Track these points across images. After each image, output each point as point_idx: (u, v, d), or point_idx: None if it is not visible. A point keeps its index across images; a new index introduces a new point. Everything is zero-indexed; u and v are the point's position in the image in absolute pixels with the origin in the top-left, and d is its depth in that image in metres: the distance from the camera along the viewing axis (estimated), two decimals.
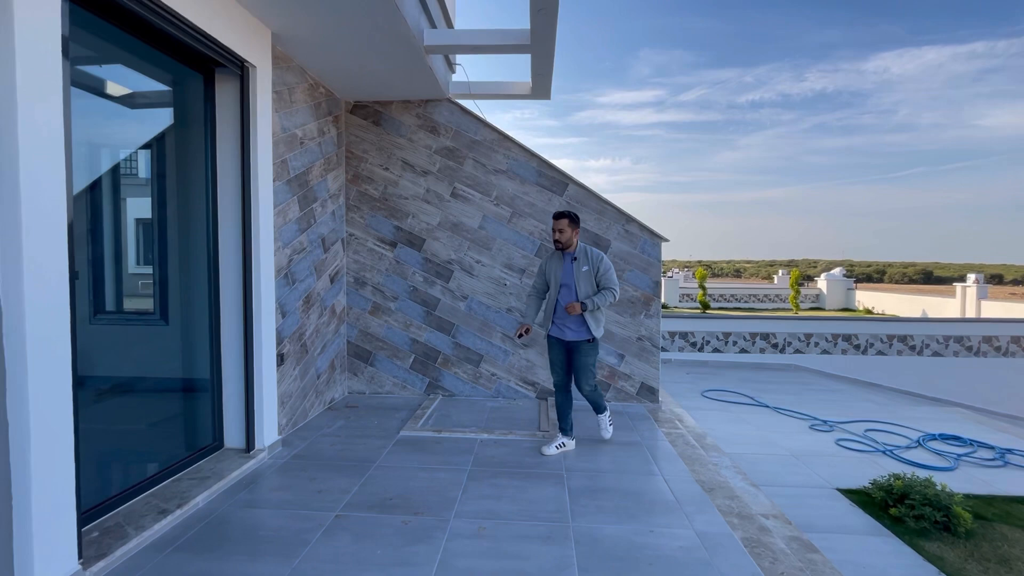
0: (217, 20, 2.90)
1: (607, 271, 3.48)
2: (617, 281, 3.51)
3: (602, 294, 3.45)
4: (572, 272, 3.50)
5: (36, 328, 1.87)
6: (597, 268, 3.47)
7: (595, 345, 3.56)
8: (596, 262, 3.49)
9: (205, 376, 3.36)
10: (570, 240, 3.52)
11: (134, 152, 3.16)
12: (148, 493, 2.72)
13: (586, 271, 3.48)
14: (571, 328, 3.53)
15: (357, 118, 4.93)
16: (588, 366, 3.54)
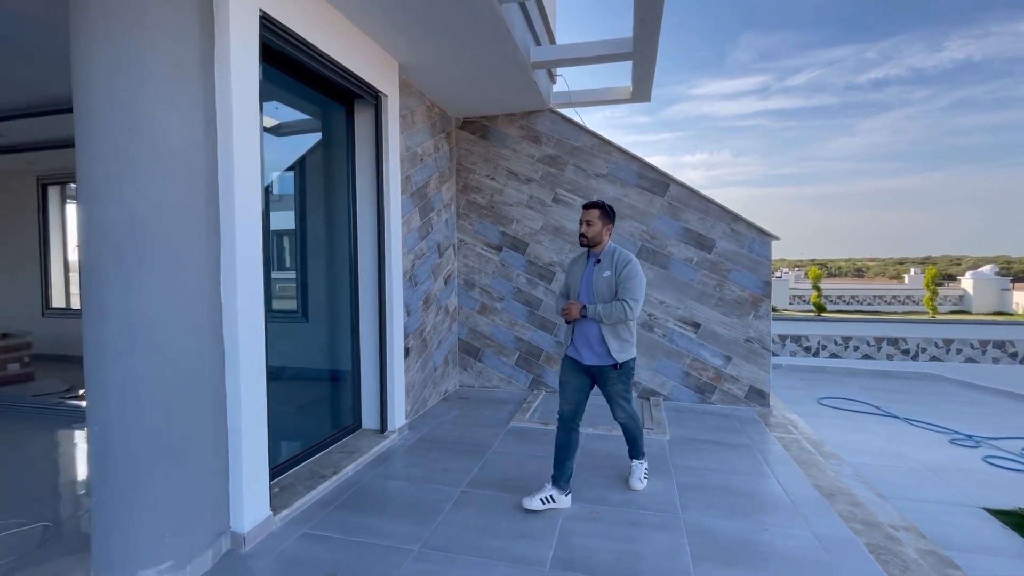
0: (358, 59, 3.39)
1: (628, 279, 2.72)
2: (641, 295, 2.73)
3: (612, 304, 2.70)
4: (592, 277, 2.83)
5: (244, 323, 2.39)
6: (619, 273, 2.74)
7: (626, 372, 2.83)
8: (620, 266, 2.75)
9: (342, 365, 3.90)
10: (598, 237, 2.84)
11: (286, 173, 3.77)
12: (310, 461, 3.25)
13: (607, 276, 2.77)
14: (589, 349, 2.82)
15: (466, 133, 5.35)
16: (618, 395, 2.87)
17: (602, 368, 2.82)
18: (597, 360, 2.81)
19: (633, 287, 2.71)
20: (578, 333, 2.86)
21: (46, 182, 7.01)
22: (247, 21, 2.43)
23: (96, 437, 2.02)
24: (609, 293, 2.76)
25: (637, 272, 2.75)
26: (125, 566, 2.00)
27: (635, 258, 2.79)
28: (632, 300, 2.69)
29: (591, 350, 2.82)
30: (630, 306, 2.68)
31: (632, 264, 2.75)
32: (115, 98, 1.99)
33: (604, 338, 2.75)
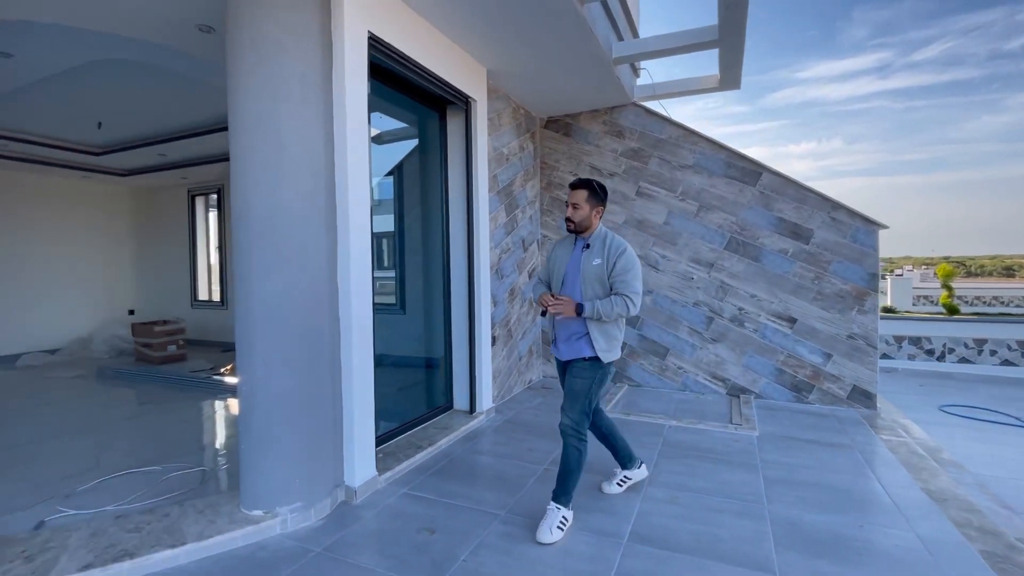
0: (450, 68, 3.69)
1: (625, 271, 2.37)
2: (640, 288, 2.39)
3: (611, 300, 2.35)
4: (579, 263, 2.48)
5: (356, 307, 2.75)
6: (613, 264, 2.38)
7: (597, 368, 2.43)
8: (613, 255, 2.39)
9: (435, 352, 4.24)
10: (587, 221, 2.48)
11: (386, 178, 4.18)
12: (408, 434, 3.60)
13: (597, 265, 2.41)
14: (567, 344, 2.50)
15: (550, 132, 5.52)
16: (578, 391, 2.45)
17: (573, 361, 2.49)
18: (572, 354, 2.48)
19: (631, 280, 2.37)
20: (561, 328, 2.54)
21: (195, 193, 8.27)
22: (358, 43, 2.79)
23: (244, 396, 2.46)
24: (599, 283, 2.41)
25: (634, 262, 2.39)
26: (266, 502, 2.42)
27: (629, 246, 2.43)
28: (633, 294, 2.35)
29: (568, 344, 2.49)
30: (632, 301, 2.35)
31: (627, 254, 2.39)
32: (259, 117, 2.41)
33: (590, 333, 2.40)
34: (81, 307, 7.83)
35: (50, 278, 7.47)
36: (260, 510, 2.42)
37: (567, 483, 2.43)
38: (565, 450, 2.46)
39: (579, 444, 2.45)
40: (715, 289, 4.86)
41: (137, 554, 2.10)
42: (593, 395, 2.46)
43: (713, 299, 4.86)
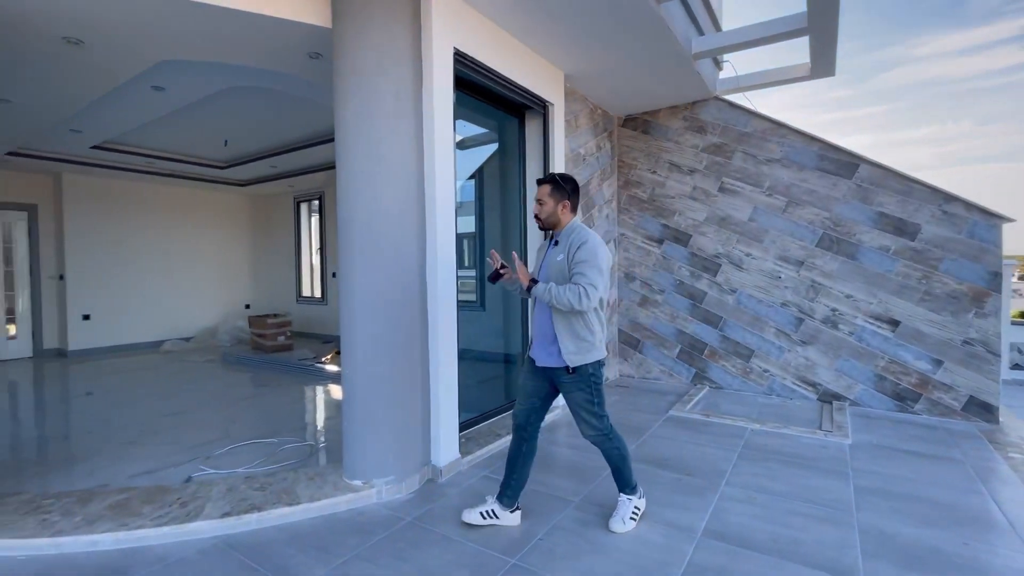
0: (529, 74, 3.85)
1: (581, 260, 2.20)
2: (599, 280, 2.18)
3: (566, 287, 2.18)
4: (547, 261, 2.40)
5: (442, 302, 2.99)
6: (572, 256, 2.23)
7: (584, 378, 2.30)
8: (573, 247, 2.24)
9: (514, 348, 4.42)
10: (554, 217, 2.37)
11: (467, 182, 4.43)
12: (487, 423, 3.82)
13: (560, 261, 2.29)
14: (542, 348, 2.37)
15: (627, 130, 5.51)
16: (579, 407, 2.36)
17: (555, 371, 2.34)
18: (550, 361, 2.33)
19: (586, 270, 2.18)
20: (535, 328, 2.42)
21: (300, 200, 9.17)
22: (444, 59, 3.03)
23: (347, 378, 2.78)
24: (561, 278, 2.27)
25: (594, 253, 2.20)
26: (365, 474, 2.73)
27: (594, 237, 2.26)
28: (588, 285, 2.15)
29: (543, 348, 2.36)
30: (585, 291, 2.14)
31: (587, 245, 2.22)
32: (360, 132, 2.72)
33: (557, 335, 2.27)
34: (209, 302, 8.99)
35: (187, 276, 8.66)
36: (359, 480, 2.73)
37: (624, 475, 2.48)
38: (605, 455, 2.47)
39: (613, 443, 2.45)
40: (805, 289, 4.61)
41: (263, 508, 2.48)
42: (595, 400, 2.35)
43: (803, 299, 4.62)
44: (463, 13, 3.18)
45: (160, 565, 2.13)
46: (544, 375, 2.42)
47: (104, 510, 2.47)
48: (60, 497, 2.62)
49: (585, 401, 2.35)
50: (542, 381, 2.43)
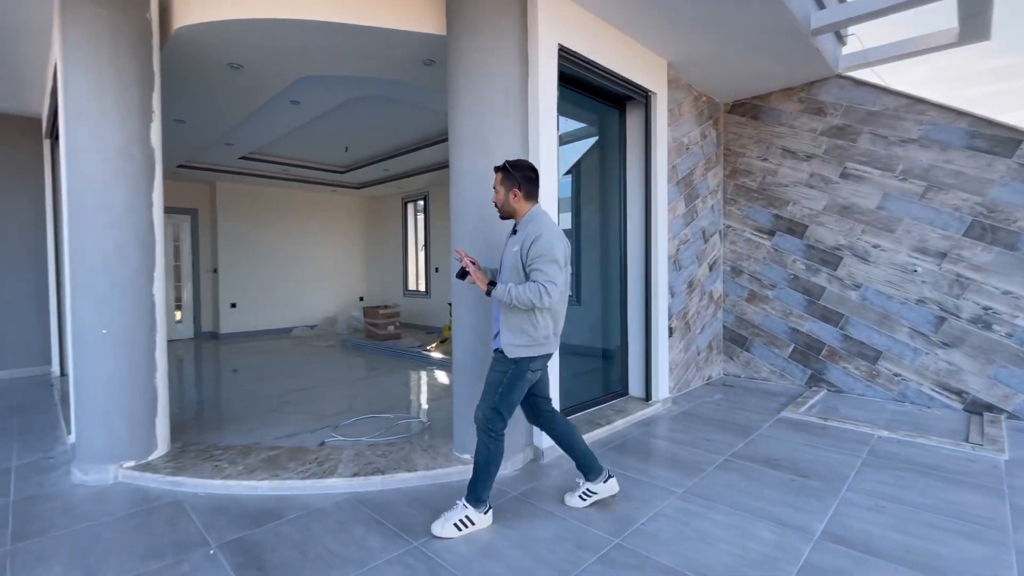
0: (631, 65, 3.83)
1: (537, 256, 2.13)
2: (556, 274, 2.12)
3: (526, 285, 2.13)
4: (504, 254, 2.35)
5: None
6: (527, 251, 2.16)
7: (507, 363, 2.24)
8: (528, 240, 2.16)
9: (611, 341, 4.42)
10: (506, 205, 2.31)
11: (564, 177, 4.48)
12: (586, 412, 3.87)
13: (515, 252, 2.22)
14: (496, 334, 2.32)
15: (735, 116, 5.24)
16: (489, 384, 2.30)
17: (495, 351, 2.31)
18: (494, 344, 2.32)
19: (544, 266, 2.11)
20: (495, 317, 2.36)
21: (407, 200, 9.85)
22: (549, 56, 3.14)
23: (457, 361, 3.00)
24: (515, 271, 2.21)
25: (549, 247, 2.13)
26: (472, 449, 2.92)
27: (549, 230, 2.18)
28: (547, 282, 2.10)
29: (496, 336, 2.32)
30: (546, 289, 2.09)
31: (542, 239, 2.14)
32: (471, 131, 2.91)
33: (500, 324, 2.25)
34: (330, 294, 9.98)
35: (311, 271, 9.70)
36: (468, 455, 2.93)
37: (475, 482, 2.28)
38: (476, 447, 2.32)
39: (488, 441, 2.28)
40: (948, 284, 4.08)
41: (385, 472, 2.76)
42: (506, 392, 2.25)
43: (945, 295, 4.09)
44: (567, 10, 3.26)
45: (304, 511, 2.47)
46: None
47: (259, 463, 2.90)
48: (226, 449, 3.12)
49: (494, 382, 2.29)
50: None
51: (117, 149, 2.86)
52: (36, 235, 5.64)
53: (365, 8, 3.15)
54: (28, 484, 2.80)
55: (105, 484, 2.78)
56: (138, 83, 2.95)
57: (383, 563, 2.05)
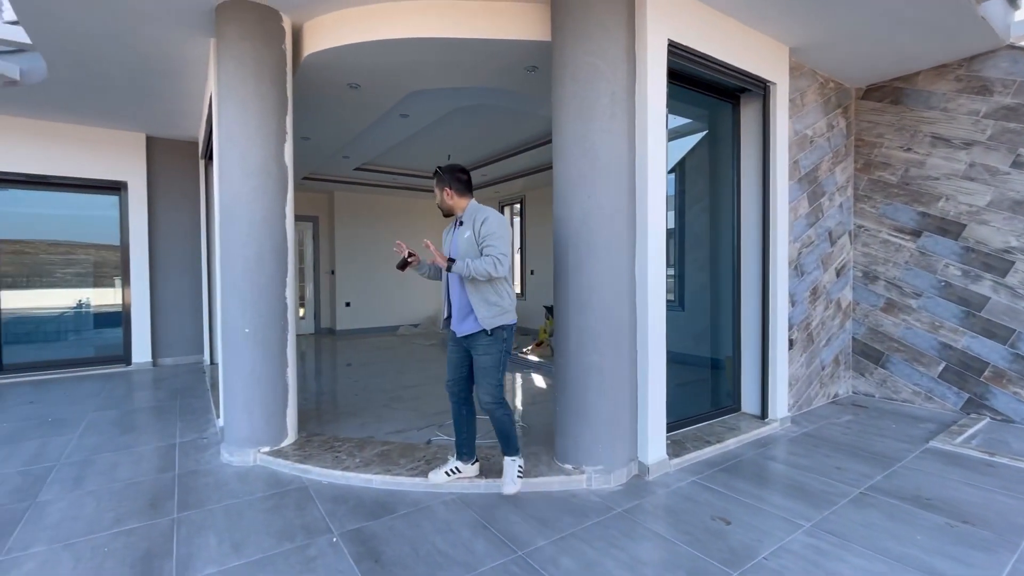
0: (747, 55, 3.54)
1: (488, 235, 2.55)
2: (505, 248, 2.54)
3: (483, 259, 2.51)
4: (455, 240, 2.70)
5: (652, 296, 2.97)
6: (478, 233, 2.57)
7: (495, 340, 2.62)
8: (478, 224, 2.58)
9: (720, 351, 4.12)
10: (443, 203, 2.76)
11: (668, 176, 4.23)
12: (693, 428, 3.65)
13: (468, 237, 2.62)
14: (461, 319, 2.68)
15: (870, 102, 4.64)
16: (485, 369, 2.64)
17: (474, 336, 2.64)
18: (470, 328, 2.64)
19: (494, 242, 2.54)
20: (453, 303, 2.73)
21: (503, 203, 10.04)
22: (658, 53, 2.99)
23: (560, 366, 2.97)
24: (472, 255, 2.59)
25: (497, 226, 2.57)
26: (576, 459, 2.87)
27: (495, 214, 2.63)
28: (500, 255, 2.52)
29: (462, 320, 2.68)
30: (499, 260, 2.50)
31: (489, 219, 2.58)
32: (576, 134, 2.86)
33: (472, 305, 2.60)
34: (431, 294, 10.48)
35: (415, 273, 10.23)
36: (570, 464, 2.89)
37: (512, 441, 2.75)
38: (496, 422, 2.72)
39: (505, 412, 2.71)
40: None
41: (489, 475, 2.81)
42: (501, 367, 2.68)
43: None
44: (677, 2, 3.09)
45: (415, 508, 2.59)
46: (465, 345, 2.72)
47: (373, 456, 3.10)
48: (345, 441, 3.38)
49: (491, 364, 2.64)
50: (465, 352, 2.75)
51: (258, 167, 3.22)
52: (193, 242, 6.56)
53: (473, 22, 3.24)
54: (188, 460, 3.24)
55: (246, 466, 3.13)
56: (275, 108, 3.28)
57: (488, 570, 2.07)
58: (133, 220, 6.15)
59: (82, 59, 4.02)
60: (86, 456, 3.30)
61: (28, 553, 2.20)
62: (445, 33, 3.25)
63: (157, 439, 3.63)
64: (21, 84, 4.59)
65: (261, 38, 3.23)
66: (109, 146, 5.97)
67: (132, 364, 6.16)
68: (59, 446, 3.49)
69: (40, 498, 2.71)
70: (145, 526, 2.43)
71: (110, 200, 6.17)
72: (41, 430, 3.83)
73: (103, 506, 2.62)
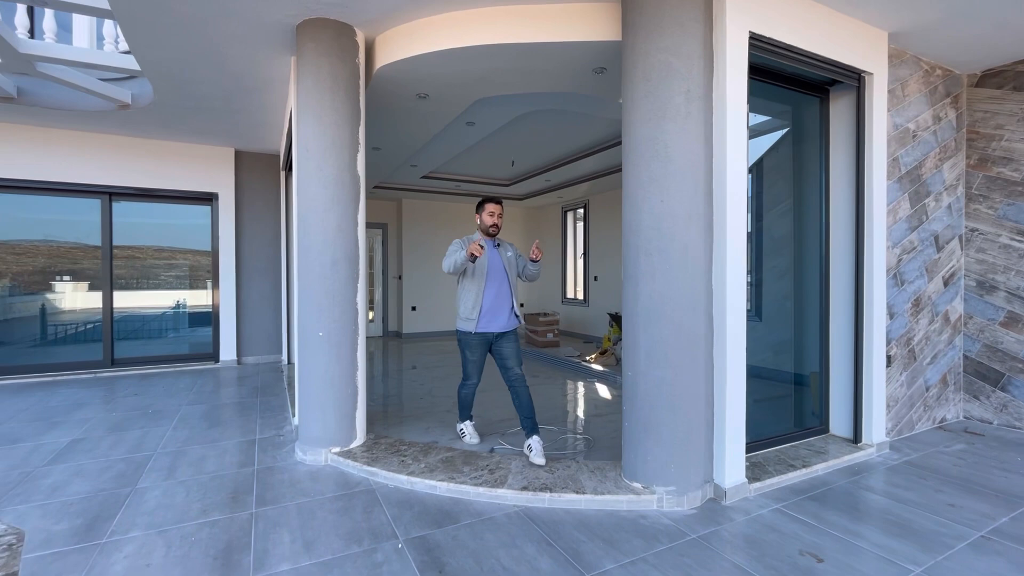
0: (838, 44, 3.23)
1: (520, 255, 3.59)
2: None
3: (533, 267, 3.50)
4: (501, 259, 3.45)
5: (731, 306, 2.77)
6: (517, 253, 3.57)
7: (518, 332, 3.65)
8: (514, 250, 3.54)
9: (803, 366, 3.77)
10: (499, 227, 3.49)
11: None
12: (775, 449, 3.36)
13: (510, 257, 3.49)
14: (504, 316, 3.40)
15: (986, 90, 4.11)
16: (517, 354, 3.40)
17: (511, 332, 3.45)
18: (510, 326, 3.44)
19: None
20: (497, 302, 3.38)
21: (566, 209, 9.93)
22: (739, 46, 2.80)
23: (628, 380, 2.83)
24: (513, 271, 3.48)
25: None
26: (645, 478, 2.72)
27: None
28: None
29: (506, 316, 3.41)
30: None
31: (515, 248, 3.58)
32: (648, 136, 2.73)
33: (513, 303, 3.45)
34: None
35: None
36: (639, 483, 2.74)
37: (535, 419, 3.28)
38: (526, 396, 3.29)
39: (527, 387, 3.34)
40: None
41: (553, 490, 2.72)
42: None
43: None
44: None
45: (478, 519, 2.55)
46: (492, 340, 3.38)
47: (438, 463, 3.11)
48: (411, 445, 3.42)
49: (519, 349, 3.41)
50: (487, 350, 3.42)
51: (333, 178, 3.34)
52: (274, 249, 6.99)
53: (543, 25, 3.20)
54: (266, 456, 3.41)
55: (318, 465, 3.25)
56: (348, 120, 3.41)
57: None
58: (222, 228, 6.66)
59: (182, 81, 4.39)
60: (179, 447, 3.57)
61: (127, 537, 2.38)
62: (515, 39, 3.23)
63: (239, 434, 3.86)
64: (132, 107, 5.10)
65: (337, 53, 3.36)
66: (203, 160, 6.50)
67: (220, 361, 6.64)
68: (156, 436, 3.79)
69: (139, 485, 2.95)
70: (227, 519, 2.56)
71: (203, 210, 6.72)
72: (143, 420, 4.20)
73: (191, 497, 2.80)
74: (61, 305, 6.17)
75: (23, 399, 4.91)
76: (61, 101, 4.98)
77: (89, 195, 6.15)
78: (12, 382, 5.61)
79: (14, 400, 4.88)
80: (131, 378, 5.88)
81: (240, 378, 5.94)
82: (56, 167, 5.84)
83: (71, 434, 3.85)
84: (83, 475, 3.09)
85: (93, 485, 2.94)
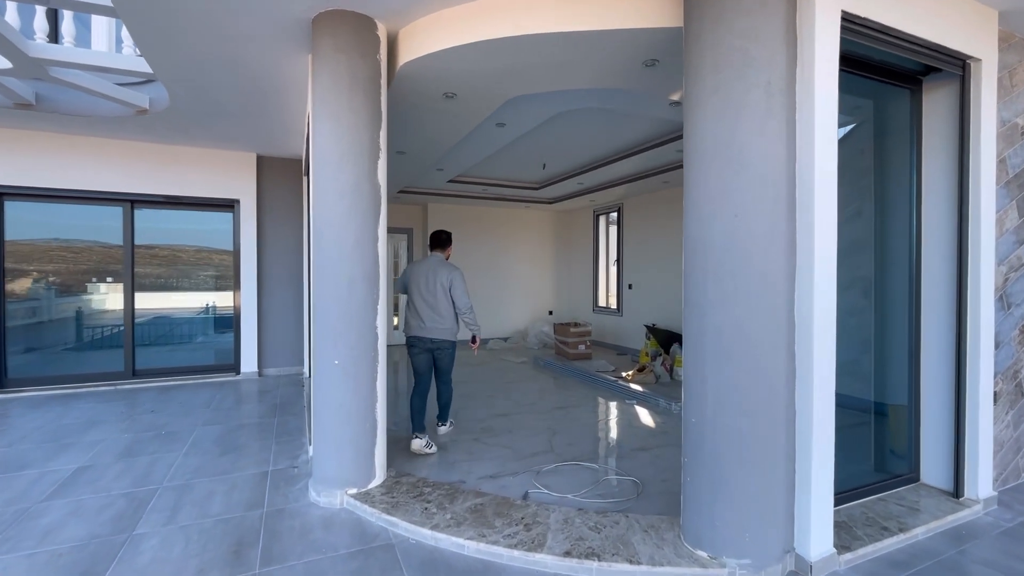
0: (938, 25, 2.71)
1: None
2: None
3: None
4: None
5: (818, 341, 2.30)
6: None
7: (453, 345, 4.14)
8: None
9: (885, 396, 3.25)
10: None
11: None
12: (858, 503, 2.87)
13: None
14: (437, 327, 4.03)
15: None
16: (449, 365, 4.19)
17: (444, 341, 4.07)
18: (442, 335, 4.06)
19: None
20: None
21: (598, 213, 9.45)
22: (829, 28, 2.33)
23: (692, 428, 2.39)
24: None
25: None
26: (711, 546, 2.28)
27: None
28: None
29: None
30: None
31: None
32: (719, 137, 2.29)
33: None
34: (522, 307, 10.15)
35: (506, 284, 9.99)
36: (704, 552, 2.30)
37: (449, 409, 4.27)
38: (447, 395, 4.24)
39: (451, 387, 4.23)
40: None
41: (602, 557, 2.30)
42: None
43: None
44: None
45: None
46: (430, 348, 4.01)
47: (465, 512, 2.72)
48: (434, 487, 3.05)
49: (453, 361, 4.15)
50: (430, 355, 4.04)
51: (350, 187, 3.00)
52: (296, 257, 6.75)
53: (587, 10, 2.78)
54: (277, 495, 3.09)
55: (333, 508, 2.91)
56: (368, 123, 3.06)
57: None
58: (243, 235, 6.45)
59: (197, 85, 4.14)
60: (186, 480, 3.29)
61: None
62: (554, 27, 2.82)
63: (252, 464, 3.57)
64: (150, 112, 4.90)
65: (356, 49, 3.02)
66: (224, 166, 6.30)
67: (240, 373, 6.44)
68: (165, 465, 3.53)
69: (137, 530, 2.66)
70: None
71: (224, 216, 6.53)
72: (154, 444, 3.96)
73: (190, 548, 2.49)
74: (93, 307, 6.08)
75: (41, 414, 4.76)
76: (79, 107, 4.82)
77: (111, 203, 6.02)
78: (34, 394, 5.51)
79: (33, 415, 4.73)
80: (151, 391, 5.71)
81: (260, 392, 5.70)
82: (78, 175, 5.71)
83: (79, 459, 3.63)
84: (80, 515, 2.82)
85: (88, 530, 2.67)
